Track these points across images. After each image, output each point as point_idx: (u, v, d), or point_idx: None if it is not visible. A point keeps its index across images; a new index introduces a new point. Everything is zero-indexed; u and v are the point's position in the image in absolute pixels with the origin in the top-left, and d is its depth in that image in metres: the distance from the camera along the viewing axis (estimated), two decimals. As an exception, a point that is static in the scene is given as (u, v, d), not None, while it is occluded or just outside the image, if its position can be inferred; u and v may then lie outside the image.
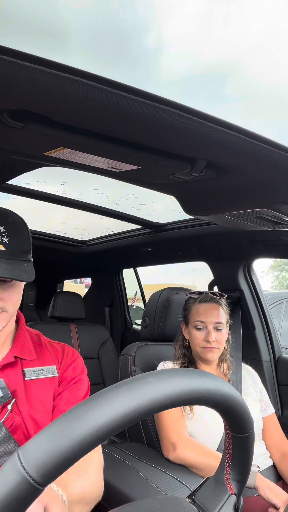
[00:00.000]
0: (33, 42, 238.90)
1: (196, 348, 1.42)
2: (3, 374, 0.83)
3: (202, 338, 1.39)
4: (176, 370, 0.40)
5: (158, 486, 1.08)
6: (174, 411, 1.32)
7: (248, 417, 0.44)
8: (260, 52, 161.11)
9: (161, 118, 0.61)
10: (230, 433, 0.46)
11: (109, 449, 1.33)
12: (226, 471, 0.50)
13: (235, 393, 0.42)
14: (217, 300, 1.44)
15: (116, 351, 2.40)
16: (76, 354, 0.98)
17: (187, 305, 1.49)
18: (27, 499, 0.31)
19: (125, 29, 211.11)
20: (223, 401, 0.41)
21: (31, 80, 0.51)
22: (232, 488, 0.51)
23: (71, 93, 0.54)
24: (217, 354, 1.41)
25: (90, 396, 0.36)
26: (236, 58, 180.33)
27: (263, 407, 1.48)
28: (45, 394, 0.87)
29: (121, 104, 0.57)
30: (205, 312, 1.41)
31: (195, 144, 0.72)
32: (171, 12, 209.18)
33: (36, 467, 0.31)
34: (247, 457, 0.48)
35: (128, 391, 0.35)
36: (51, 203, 1.90)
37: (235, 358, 1.53)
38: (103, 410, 0.33)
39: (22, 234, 0.82)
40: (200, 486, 0.53)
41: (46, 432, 0.33)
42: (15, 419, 0.81)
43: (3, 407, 0.80)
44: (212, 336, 1.37)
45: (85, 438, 0.32)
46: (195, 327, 1.41)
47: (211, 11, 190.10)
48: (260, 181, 0.89)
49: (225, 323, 1.43)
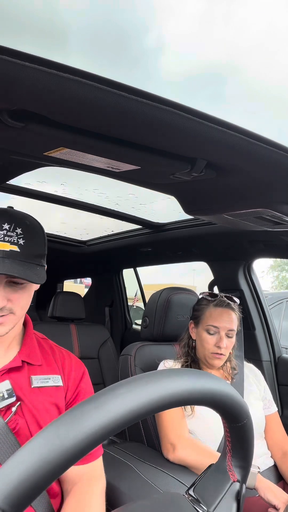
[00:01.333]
0: (33, 42, 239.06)
1: (204, 352, 1.40)
2: (10, 377, 0.83)
3: (213, 343, 1.37)
4: (155, 373, 0.38)
5: (158, 486, 1.08)
6: (174, 411, 1.32)
7: (241, 407, 0.43)
8: (260, 52, 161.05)
9: (161, 118, 0.61)
10: (226, 424, 0.46)
11: (109, 449, 1.33)
12: (228, 457, 0.50)
13: (222, 385, 0.41)
14: (232, 306, 1.42)
15: (116, 351, 2.40)
16: (82, 367, 0.97)
17: (200, 305, 1.46)
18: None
19: (125, 29, 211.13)
20: (209, 397, 0.40)
21: (31, 80, 0.51)
22: (234, 476, 0.50)
23: (71, 93, 0.54)
24: (223, 361, 1.40)
25: (63, 413, 0.34)
26: (236, 58, 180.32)
27: (266, 405, 1.48)
28: (50, 401, 0.87)
29: (121, 104, 0.57)
30: (219, 317, 1.38)
31: (195, 144, 0.72)
32: (171, 12, 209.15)
33: (4, 498, 0.30)
34: (248, 444, 0.47)
35: (99, 407, 0.33)
36: (51, 203, 1.90)
37: (237, 358, 1.53)
38: (74, 429, 0.32)
39: (38, 238, 0.82)
40: (199, 478, 0.52)
41: (14, 460, 0.32)
42: (19, 421, 0.80)
43: (7, 409, 0.80)
44: (224, 343, 1.35)
45: (52, 461, 0.31)
46: (207, 331, 1.38)
47: (211, 11, 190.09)
48: (260, 181, 0.89)
49: (236, 330, 1.41)
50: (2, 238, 0.76)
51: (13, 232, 0.77)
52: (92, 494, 0.86)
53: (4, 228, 0.77)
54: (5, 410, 0.80)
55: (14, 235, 0.77)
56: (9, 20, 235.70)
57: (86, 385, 0.95)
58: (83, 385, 0.94)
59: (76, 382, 0.93)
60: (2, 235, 0.76)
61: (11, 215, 0.80)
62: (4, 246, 0.76)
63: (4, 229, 0.77)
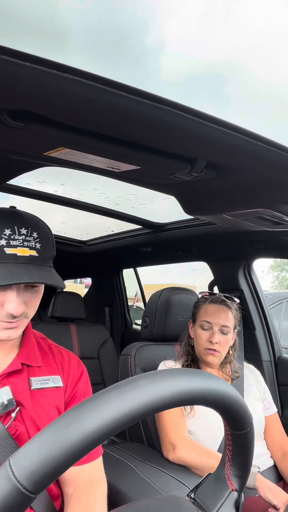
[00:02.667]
0: (33, 42, 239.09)
1: (199, 348, 1.41)
2: (9, 382, 0.82)
3: (206, 338, 1.38)
4: (169, 371, 0.39)
5: (158, 486, 1.08)
6: (174, 411, 1.32)
7: (246, 414, 0.44)
8: (261, 52, 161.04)
9: (161, 118, 0.61)
10: (229, 430, 0.46)
11: (109, 449, 1.33)
12: (227, 467, 0.50)
13: (231, 390, 0.42)
14: (228, 303, 1.43)
15: (116, 351, 2.40)
16: (81, 366, 0.97)
17: (197, 303, 1.48)
18: (19, 507, 0.31)
19: (125, 29, 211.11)
20: (219, 399, 0.41)
21: (31, 80, 0.51)
22: (233, 485, 0.50)
23: (71, 93, 0.54)
24: (219, 358, 1.40)
25: (81, 401, 0.36)
26: (237, 58, 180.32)
27: (266, 406, 1.48)
28: (51, 403, 0.86)
29: (121, 104, 0.57)
30: (213, 313, 1.40)
31: (195, 144, 0.72)
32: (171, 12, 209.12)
33: (27, 475, 0.31)
34: (248, 453, 0.48)
35: (119, 395, 0.35)
36: (51, 203, 1.90)
37: (237, 358, 1.53)
38: (94, 415, 0.33)
39: (50, 241, 0.81)
40: (200, 484, 0.53)
41: (37, 440, 0.33)
42: (19, 427, 0.80)
43: (7, 414, 0.79)
44: (216, 338, 1.36)
45: (76, 444, 0.32)
46: (201, 327, 1.40)
47: (211, 10, 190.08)
48: (260, 181, 0.89)
49: (232, 328, 1.41)
50: (21, 243, 0.74)
51: (30, 237, 0.76)
52: (96, 498, 0.85)
53: (22, 233, 0.75)
54: (4, 415, 0.79)
55: (31, 240, 0.76)
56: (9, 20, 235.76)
57: (84, 385, 0.94)
58: (80, 385, 0.93)
59: (74, 381, 0.92)
60: (21, 240, 0.74)
61: (25, 219, 0.77)
62: (24, 251, 0.74)
63: (22, 234, 0.75)
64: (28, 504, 0.32)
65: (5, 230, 0.72)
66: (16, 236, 0.73)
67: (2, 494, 0.30)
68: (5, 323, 0.76)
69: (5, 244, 0.72)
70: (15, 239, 0.73)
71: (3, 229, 0.72)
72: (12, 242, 0.73)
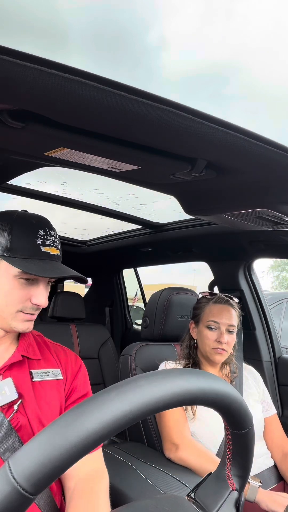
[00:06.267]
0: (33, 42, 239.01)
1: (205, 348, 1.41)
2: (11, 374, 0.84)
3: (214, 338, 1.38)
4: (169, 371, 0.39)
5: (158, 486, 1.08)
6: (177, 412, 1.32)
7: (246, 414, 0.44)
8: (263, 52, 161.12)
9: (161, 118, 0.61)
10: (229, 430, 0.46)
11: (109, 449, 1.33)
12: (227, 466, 0.50)
13: (231, 390, 0.42)
14: (231, 303, 1.44)
15: (116, 351, 2.40)
16: (79, 360, 0.99)
17: (200, 304, 1.48)
18: (19, 509, 0.31)
19: (126, 28, 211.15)
20: (219, 399, 0.41)
21: (31, 80, 0.51)
22: (233, 484, 0.50)
23: (72, 93, 0.54)
24: (225, 357, 1.40)
25: (80, 402, 0.36)
26: (238, 58, 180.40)
27: (265, 408, 1.48)
28: (52, 395, 0.87)
29: (121, 104, 0.57)
30: (219, 313, 1.40)
31: (195, 144, 0.72)
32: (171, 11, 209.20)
33: (26, 477, 0.30)
34: (248, 453, 0.48)
35: (119, 396, 0.35)
36: (51, 203, 1.90)
37: (237, 359, 1.53)
38: (93, 416, 0.33)
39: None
40: (200, 483, 0.53)
41: (36, 441, 0.32)
42: (21, 419, 0.81)
43: (10, 406, 0.80)
44: (225, 338, 1.37)
45: (75, 445, 0.32)
46: (208, 327, 1.40)
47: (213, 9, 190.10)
48: (260, 181, 0.89)
49: (237, 327, 1.42)
50: (52, 243, 0.84)
51: (56, 238, 0.86)
52: (99, 492, 0.85)
53: (52, 235, 0.85)
54: (7, 407, 0.80)
55: (57, 241, 0.86)
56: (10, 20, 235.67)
57: (82, 380, 0.95)
58: (79, 379, 0.95)
59: (73, 375, 0.94)
60: (52, 241, 0.84)
61: (49, 222, 0.87)
62: (54, 250, 0.84)
63: (52, 236, 0.85)
64: (27, 505, 0.32)
65: (39, 231, 0.83)
66: (48, 236, 0.84)
67: (1, 495, 0.30)
68: (28, 315, 0.84)
69: (41, 243, 0.82)
70: (48, 239, 0.84)
71: (38, 230, 0.83)
72: (46, 242, 0.83)
